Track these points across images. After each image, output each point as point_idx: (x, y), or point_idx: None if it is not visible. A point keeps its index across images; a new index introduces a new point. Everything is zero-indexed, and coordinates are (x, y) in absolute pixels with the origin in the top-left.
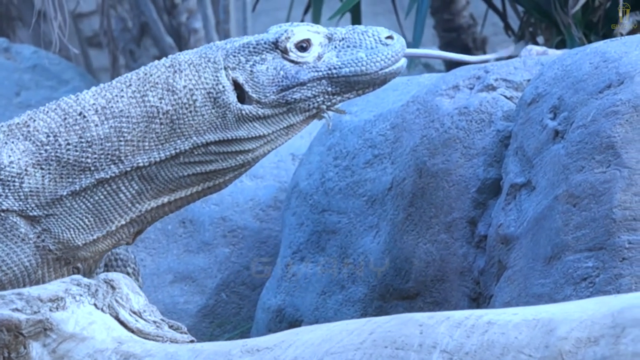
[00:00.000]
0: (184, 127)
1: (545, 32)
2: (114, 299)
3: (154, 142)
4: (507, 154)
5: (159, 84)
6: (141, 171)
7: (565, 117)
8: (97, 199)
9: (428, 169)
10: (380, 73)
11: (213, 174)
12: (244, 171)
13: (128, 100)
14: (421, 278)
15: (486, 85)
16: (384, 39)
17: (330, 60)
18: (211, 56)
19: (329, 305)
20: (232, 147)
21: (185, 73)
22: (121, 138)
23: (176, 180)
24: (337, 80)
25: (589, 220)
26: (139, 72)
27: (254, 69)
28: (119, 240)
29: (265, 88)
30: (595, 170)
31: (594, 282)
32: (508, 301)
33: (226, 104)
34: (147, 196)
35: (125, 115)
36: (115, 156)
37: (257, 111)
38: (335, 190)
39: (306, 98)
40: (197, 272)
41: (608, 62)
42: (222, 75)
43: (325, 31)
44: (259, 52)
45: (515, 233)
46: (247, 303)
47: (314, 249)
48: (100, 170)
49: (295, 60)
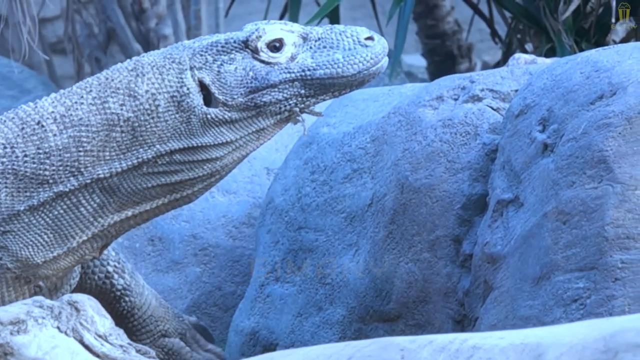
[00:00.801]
0: (146, 134)
1: (534, 39)
2: (78, 321)
3: (115, 152)
4: (494, 168)
5: (121, 89)
6: (102, 183)
7: (555, 129)
8: (56, 214)
9: (410, 184)
10: (358, 76)
11: (179, 184)
12: (214, 182)
13: (88, 107)
14: (403, 299)
15: (471, 95)
16: (363, 39)
17: (304, 62)
18: (176, 56)
19: (306, 327)
20: (198, 155)
21: (148, 77)
22: (80, 148)
23: (140, 192)
24: (310, 83)
25: (579, 238)
26: (101, 76)
27: (221, 69)
28: (82, 256)
29: (232, 90)
30: (586, 186)
31: (585, 304)
32: (494, 324)
33: (190, 108)
34: (109, 209)
35: (84, 123)
36: (74, 168)
37: (223, 115)
38: (312, 206)
39: (277, 101)
40: (166, 293)
41: (600, 72)
42: (187, 76)
43: (300, 30)
44: (228, 51)
45: (502, 252)
46: (219, 325)
47: (289, 268)
48: (59, 183)
49: (267, 60)
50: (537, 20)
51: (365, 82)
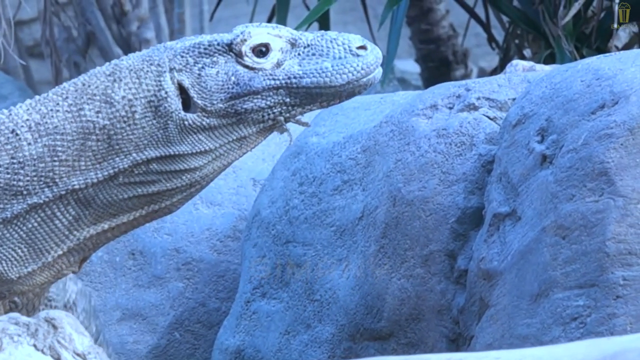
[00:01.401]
0: (122, 142)
1: (533, 45)
2: (55, 339)
3: (90, 162)
4: (490, 180)
5: (97, 95)
6: (77, 194)
7: (554, 140)
8: (30, 227)
9: (403, 197)
10: (347, 86)
11: (157, 196)
12: (194, 192)
13: (63, 114)
14: (395, 317)
15: (467, 104)
16: (355, 48)
17: (290, 69)
18: (156, 58)
19: (293, 346)
20: (176, 164)
21: (125, 82)
22: (55, 158)
23: (117, 203)
24: (296, 91)
25: (579, 254)
26: (77, 82)
27: (202, 73)
28: (59, 271)
29: (212, 95)
30: (586, 199)
31: (585, 323)
32: (490, 343)
33: (168, 113)
34: (85, 222)
35: (59, 132)
36: (49, 178)
37: (202, 121)
38: (301, 219)
39: (259, 108)
40: (147, 309)
41: (601, 80)
42: (166, 78)
43: (288, 35)
44: (211, 54)
45: (499, 268)
46: (202, 343)
47: (276, 284)
48: (33, 195)
49: (251, 65)
50: (535, 25)
51: (355, 94)
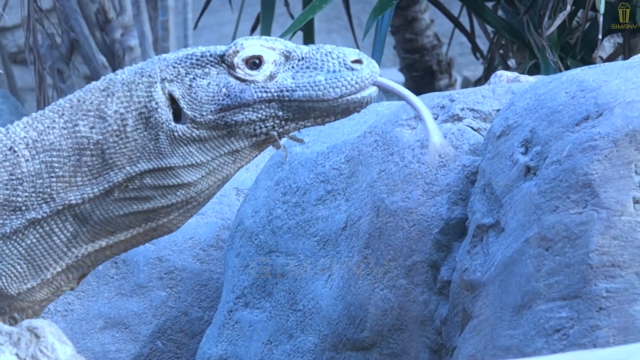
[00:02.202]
0: (116, 156)
1: (517, 55)
2: (38, 348)
3: (86, 177)
4: (474, 191)
5: (91, 111)
6: (74, 210)
7: (538, 151)
8: (29, 243)
9: (386, 207)
10: (341, 101)
11: (154, 213)
12: (192, 209)
13: (60, 131)
14: (377, 327)
15: (451, 115)
16: (349, 62)
17: (283, 82)
18: (147, 70)
19: (276, 355)
20: (169, 179)
21: (118, 95)
22: (52, 174)
23: (113, 220)
24: (288, 105)
25: (563, 265)
26: (73, 98)
27: (193, 83)
28: (58, 288)
29: (202, 106)
30: (570, 211)
31: (568, 334)
32: (473, 354)
33: (159, 124)
34: (83, 239)
35: (56, 148)
36: (46, 194)
37: (191, 132)
38: (284, 229)
39: (250, 121)
40: (130, 318)
41: (586, 92)
42: (157, 89)
43: (282, 48)
44: (203, 65)
45: (482, 279)
46: (185, 352)
47: (259, 293)
48: (32, 210)
49: (243, 77)
50: (520, 36)
51: (351, 110)
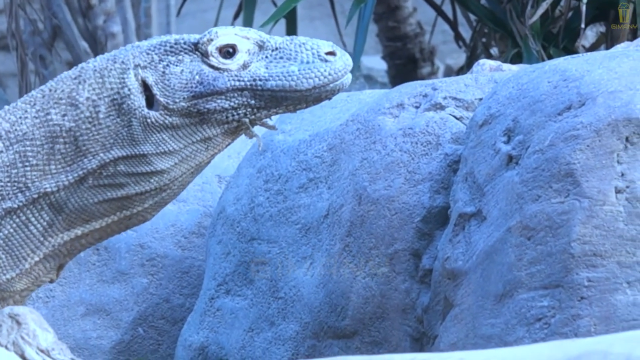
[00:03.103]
0: (89, 143)
1: (500, 44)
2: (19, 335)
3: (60, 165)
4: (456, 180)
5: (63, 99)
6: (50, 198)
7: (520, 140)
8: (6, 233)
9: (368, 195)
10: (313, 91)
11: (128, 200)
12: (167, 197)
13: (32, 121)
14: (359, 315)
15: (434, 103)
16: (323, 54)
17: (257, 71)
18: (121, 57)
19: (257, 343)
20: (142, 166)
21: (89, 82)
22: (26, 163)
23: (88, 208)
24: (261, 94)
25: (544, 255)
26: (45, 88)
27: (166, 70)
28: (36, 278)
29: (175, 93)
30: (552, 200)
31: (549, 323)
32: (454, 342)
33: (131, 110)
34: (59, 228)
35: (29, 137)
36: (21, 183)
37: (164, 119)
38: (266, 216)
39: (222, 109)
40: (111, 304)
41: (568, 82)
42: (130, 75)
43: (257, 37)
44: (176, 52)
45: (464, 267)
46: (166, 339)
47: (241, 281)
48: (7, 200)
49: (216, 65)
50: (503, 24)
51: (322, 99)
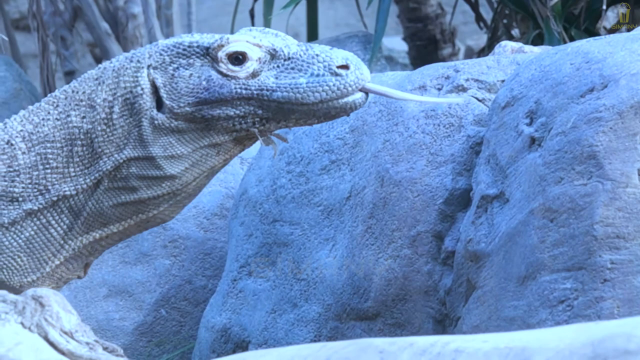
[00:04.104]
0: (104, 144)
1: (521, 25)
2: (43, 317)
3: (79, 167)
4: (478, 162)
5: (83, 100)
6: (69, 201)
7: (543, 122)
8: (27, 235)
9: (391, 177)
10: (321, 106)
11: (142, 205)
12: (183, 201)
13: (53, 122)
14: (381, 297)
15: (456, 85)
16: (335, 67)
17: (265, 80)
18: (137, 55)
19: (280, 325)
20: (153, 169)
21: (107, 83)
22: (47, 165)
23: (104, 211)
24: (268, 104)
25: (567, 237)
26: (68, 89)
27: (176, 73)
28: (59, 279)
29: (181, 97)
30: (575, 182)
31: (572, 306)
32: (477, 324)
33: (142, 110)
34: (77, 231)
35: (50, 139)
36: (42, 185)
37: (170, 122)
38: (288, 198)
39: (227, 117)
40: (134, 286)
41: (591, 63)
42: (143, 74)
43: (269, 46)
44: (188, 55)
45: (486, 250)
46: (189, 320)
47: (263, 262)
48: (28, 201)
49: (225, 72)
50: (524, 5)
51: (334, 115)
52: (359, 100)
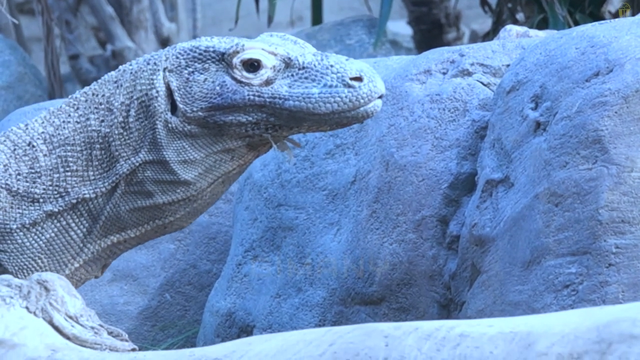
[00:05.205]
0: (121, 148)
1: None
2: (47, 302)
3: (97, 171)
4: (483, 146)
5: (103, 104)
6: (88, 205)
7: (548, 107)
8: (48, 237)
9: (395, 162)
10: (332, 116)
11: (158, 210)
12: (200, 208)
13: (74, 125)
14: (386, 281)
15: (461, 70)
16: (348, 79)
17: (279, 89)
18: (155, 58)
19: (284, 309)
20: (166, 174)
21: (125, 86)
22: (67, 168)
23: (121, 216)
24: (279, 112)
25: (572, 221)
26: (89, 91)
27: (191, 77)
28: (79, 280)
29: (194, 101)
30: (580, 167)
31: (577, 290)
32: (482, 309)
33: (157, 113)
34: (96, 235)
35: (70, 142)
36: (62, 187)
37: (183, 126)
38: (293, 182)
39: (240, 123)
40: (138, 270)
41: (596, 48)
42: (159, 77)
43: (284, 54)
44: (204, 60)
45: (491, 234)
46: (193, 305)
47: (268, 247)
48: (48, 203)
49: (239, 79)
50: None
51: (345, 124)
52: (371, 108)
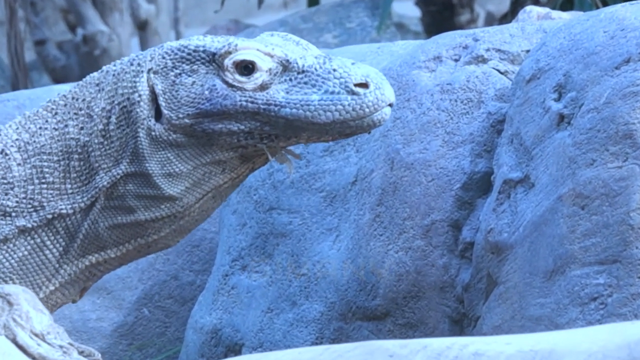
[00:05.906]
0: (101, 159)
1: None
2: (10, 317)
3: (76, 184)
4: (500, 142)
5: (82, 109)
6: (65, 221)
7: (573, 98)
8: (20, 256)
9: (402, 159)
10: (333, 126)
11: (140, 227)
12: (187, 225)
13: (51, 132)
14: (391, 294)
15: (475, 56)
16: (352, 85)
17: (275, 94)
18: (140, 58)
19: (277, 325)
20: (149, 189)
21: (107, 90)
22: (43, 180)
23: (100, 234)
24: (275, 121)
25: (600, 226)
26: (68, 95)
27: (177, 80)
28: (54, 305)
29: (181, 107)
30: (609, 165)
31: (606, 303)
32: (499, 324)
33: (139, 119)
34: (74, 255)
35: (46, 151)
36: (36, 201)
37: (168, 135)
38: (286, 183)
39: (231, 132)
40: (113, 282)
41: (627, 31)
42: (142, 79)
43: (281, 56)
44: (192, 60)
45: (509, 240)
46: (174, 321)
47: (258, 255)
48: (21, 217)
49: (230, 82)
50: None
51: (349, 134)
52: (377, 116)
